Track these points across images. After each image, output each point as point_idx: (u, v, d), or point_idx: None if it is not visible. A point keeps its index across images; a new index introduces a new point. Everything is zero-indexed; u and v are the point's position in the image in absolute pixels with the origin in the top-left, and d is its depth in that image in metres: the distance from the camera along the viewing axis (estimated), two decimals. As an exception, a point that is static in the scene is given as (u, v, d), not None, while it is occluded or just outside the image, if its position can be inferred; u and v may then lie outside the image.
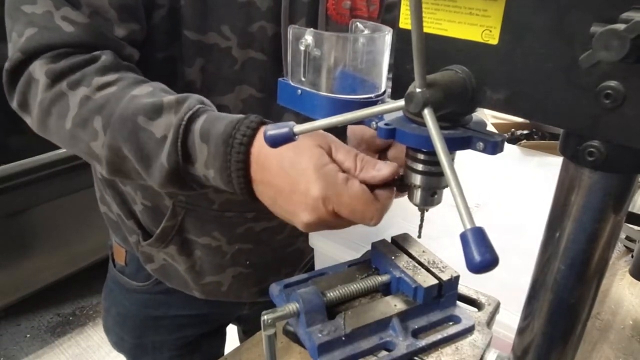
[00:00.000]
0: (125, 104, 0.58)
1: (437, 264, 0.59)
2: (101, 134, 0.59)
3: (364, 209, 0.51)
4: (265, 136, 0.45)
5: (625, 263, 1.00)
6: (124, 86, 0.60)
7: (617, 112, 0.32)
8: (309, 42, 0.51)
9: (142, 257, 0.88)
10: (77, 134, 0.60)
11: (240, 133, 0.54)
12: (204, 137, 0.55)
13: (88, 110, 0.59)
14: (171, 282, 0.90)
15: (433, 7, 0.41)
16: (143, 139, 0.57)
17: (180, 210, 0.79)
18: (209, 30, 0.67)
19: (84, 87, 0.59)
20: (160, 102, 0.57)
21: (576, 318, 0.42)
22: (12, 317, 2.31)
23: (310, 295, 0.54)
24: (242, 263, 0.86)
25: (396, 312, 0.55)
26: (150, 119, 0.57)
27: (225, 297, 0.90)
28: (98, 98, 0.59)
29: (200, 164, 0.56)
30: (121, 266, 0.94)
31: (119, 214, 0.86)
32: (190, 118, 0.56)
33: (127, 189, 0.82)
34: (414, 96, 0.36)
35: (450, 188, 0.34)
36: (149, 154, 0.57)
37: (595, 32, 0.30)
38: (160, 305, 0.94)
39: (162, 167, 0.57)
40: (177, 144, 0.55)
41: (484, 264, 0.31)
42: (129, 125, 0.57)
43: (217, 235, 0.82)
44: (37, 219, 2.00)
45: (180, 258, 0.84)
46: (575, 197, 0.38)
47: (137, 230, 0.85)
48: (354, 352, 0.52)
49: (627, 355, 0.75)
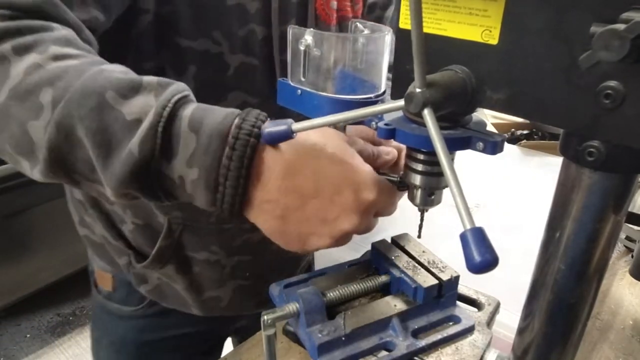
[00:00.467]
0: (92, 75, 0.45)
1: (437, 264, 0.59)
2: (47, 110, 0.45)
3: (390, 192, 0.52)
4: (263, 134, 0.45)
5: (625, 263, 1.00)
6: (88, 62, 0.48)
7: (617, 112, 0.32)
8: (309, 42, 0.51)
9: (135, 279, 0.83)
10: (11, 109, 0.46)
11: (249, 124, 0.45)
12: (194, 126, 0.45)
13: (36, 81, 0.45)
14: (167, 302, 0.85)
15: (433, 7, 0.40)
16: (108, 119, 0.44)
17: (177, 227, 0.75)
18: (200, 36, 0.64)
19: (34, 54, 0.46)
20: (139, 80, 0.46)
21: (576, 318, 0.42)
22: (12, 317, 2.31)
23: (310, 295, 0.54)
24: (242, 275, 0.84)
25: (396, 312, 0.55)
26: (122, 97, 0.45)
27: (224, 312, 0.87)
28: (53, 68, 0.46)
29: (180, 160, 0.45)
30: (108, 292, 0.88)
31: (103, 236, 0.81)
32: (178, 101, 0.45)
33: (114, 208, 0.77)
34: (414, 96, 0.36)
35: (450, 188, 0.34)
36: (111, 140, 0.45)
37: (595, 32, 0.30)
38: (157, 328, 0.89)
39: (128, 157, 0.44)
40: (157, 129, 0.44)
41: (484, 264, 0.31)
42: (93, 99, 0.44)
43: (215, 249, 0.79)
44: (37, 219, 2.00)
45: (177, 276, 0.80)
46: (575, 197, 0.38)
47: (128, 251, 0.79)
48: (354, 352, 0.52)
49: (627, 355, 0.75)
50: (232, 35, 0.66)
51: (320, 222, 0.48)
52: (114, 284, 0.87)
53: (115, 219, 0.79)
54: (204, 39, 0.64)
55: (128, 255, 0.80)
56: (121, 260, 0.82)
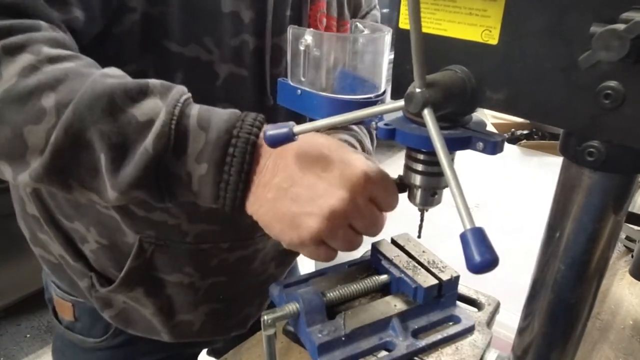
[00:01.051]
0: (97, 79, 0.46)
1: (437, 264, 0.59)
2: (51, 115, 0.45)
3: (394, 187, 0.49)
4: (265, 136, 0.45)
5: (625, 263, 1.00)
6: (83, 64, 0.48)
7: (617, 112, 0.32)
8: (309, 42, 0.51)
9: (98, 303, 0.76)
10: (5, 113, 0.45)
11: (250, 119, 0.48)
12: (202, 124, 0.47)
13: (35, 84, 0.45)
14: (135, 329, 0.79)
15: (433, 7, 0.40)
16: (122, 121, 0.45)
17: (148, 246, 0.69)
18: (191, 42, 0.61)
19: (28, 54, 0.45)
20: (146, 83, 0.48)
21: (576, 318, 0.42)
22: (12, 317, 2.31)
23: (310, 296, 0.54)
24: (216, 298, 0.79)
25: (396, 312, 0.55)
26: (131, 100, 0.46)
27: (196, 337, 0.81)
28: (51, 70, 0.45)
29: (190, 157, 0.47)
30: (69, 322, 0.81)
31: (61, 255, 0.74)
32: (185, 101, 0.48)
33: (75, 226, 0.71)
34: (413, 96, 0.36)
35: (450, 188, 0.34)
36: (125, 141, 0.46)
37: (595, 33, 0.30)
38: (125, 358, 0.83)
39: (143, 155, 0.46)
40: (171, 126, 0.46)
41: (484, 264, 0.31)
42: (103, 103, 0.45)
43: (189, 270, 0.73)
44: (37, 219, 2.01)
45: (147, 300, 0.74)
46: (575, 197, 0.38)
47: (89, 273, 0.73)
48: (354, 352, 0.52)
49: (627, 355, 0.75)
50: (224, 44, 0.63)
51: (309, 199, 0.47)
52: (75, 312, 0.81)
53: (75, 238, 0.73)
54: (194, 45, 0.61)
55: (89, 278, 0.74)
56: (82, 282, 0.75)
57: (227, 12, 0.62)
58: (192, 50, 0.61)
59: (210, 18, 0.61)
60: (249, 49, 0.65)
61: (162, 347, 0.82)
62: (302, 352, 0.62)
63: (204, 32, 0.62)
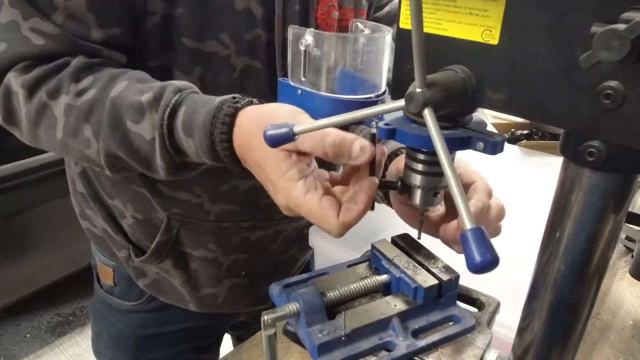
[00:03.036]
0: (110, 108, 0.57)
1: (437, 264, 0.59)
2: (93, 142, 0.59)
3: (321, 223, 0.49)
4: (265, 136, 0.45)
5: (625, 263, 1.00)
6: (100, 88, 0.59)
7: (617, 112, 0.32)
8: (309, 42, 0.51)
9: (133, 272, 0.85)
10: (70, 143, 0.60)
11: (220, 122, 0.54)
12: (187, 132, 0.55)
13: (75, 119, 0.59)
14: (165, 297, 0.87)
15: (433, 7, 0.41)
16: (136, 143, 0.58)
17: (175, 223, 0.77)
18: (208, 38, 0.66)
19: (64, 95, 0.59)
20: (140, 103, 0.57)
21: (576, 318, 0.42)
22: (12, 317, 2.31)
23: (310, 296, 0.54)
24: (238, 274, 0.85)
25: (396, 312, 0.55)
26: (136, 122, 0.57)
27: (221, 309, 0.89)
28: (81, 105, 0.59)
29: (192, 155, 0.57)
30: (109, 287, 0.91)
31: (104, 229, 0.83)
32: (170, 114, 0.56)
33: (115, 202, 0.80)
34: (414, 96, 0.36)
35: (450, 188, 0.34)
36: (146, 156, 0.58)
37: (596, 33, 0.30)
38: (155, 323, 0.91)
39: (161, 167, 0.58)
40: (166, 144, 0.56)
41: (484, 264, 0.31)
42: (120, 131, 0.57)
43: (212, 247, 0.80)
44: (37, 219, 2.00)
45: (175, 272, 0.82)
46: (575, 197, 0.38)
47: (127, 244, 0.82)
48: (354, 352, 0.52)
49: (627, 355, 0.75)
50: (239, 39, 0.68)
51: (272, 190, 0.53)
52: (115, 277, 0.89)
53: (116, 213, 0.81)
54: (212, 41, 0.66)
55: (127, 249, 0.82)
56: (121, 253, 0.83)
57: (239, 9, 0.67)
58: (210, 45, 0.67)
59: (225, 15, 0.66)
60: (262, 43, 0.70)
61: (191, 316, 0.89)
62: (302, 352, 0.62)
63: (220, 29, 0.66)
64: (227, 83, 0.70)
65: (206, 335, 0.98)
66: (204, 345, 0.98)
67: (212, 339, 1.00)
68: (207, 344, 0.99)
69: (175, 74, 0.67)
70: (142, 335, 0.91)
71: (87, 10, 0.59)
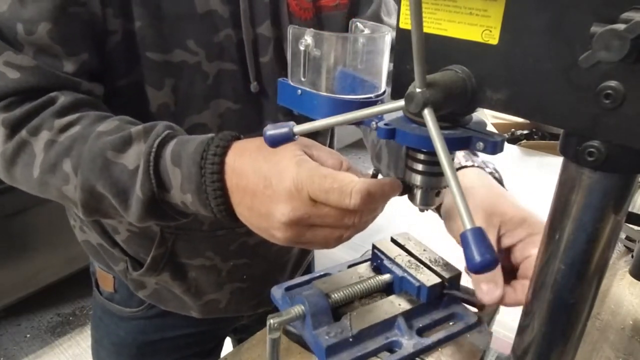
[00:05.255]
0: (93, 141, 0.55)
1: (438, 262, 0.59)
2: (72, 176, 0.56)
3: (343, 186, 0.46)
4: (265, 136, 0.45)
5: (625, 263, 1.00)
6: (87, 124, 0.58)
7: (617, 112, 0.32)
8: (309, 42, 0.51)
9: (133, 284, 0.84)
10: (47, 180, 0.58)
11: (212, 149, 0.52)
12: (176, 161, 0.53)
13: (55, 154, 0.57)
14: (167, 306, 0.86)
15: (433, 7, 0.40)
16: (116, 174, 0.55)
17: (169, 236, 0.76)
18: (174, 47, 0.64)
19: (45, 131, 0.57)
20: (129, 134, 0.55)
21: (576, 318, 0.42)
22: (12, 317, 2.31)
23: (315, 298, 0.54)
24: (239, 278, 0.84)
25: (401, 311, 0.55)
26: (119, 152, 0.55)
27: (224, 314, 0.88)
28: (63, 140, 0.57)
29: (176, 190, 0.54)
30: (109, 293, 0.89)
31: (100, 244, 0.82)
32: (160, 144, 0.54)
33: (107, 220, 0.78)
34: (414, 96, 0.36)
35: (450, 188, 0.34)
36: (124, 188, 0.55)
37: (596, 33, 0.30)
38: (157, 329, 0.90)
39: (138, 199, 0.55)
40: (150, 172, 0.54)
41: (484, 264, 0.31)
42: (99, 162, 0.55)
43: (210, 255, 0.79)
44: (37, 219, 2.00)
45: (174, 283, 0.81)
46: (575, 197, 0.38)
47: (124, 257, 0.80)
48: (361, 352, 0.52)
49: (627, 355, 0.75)
50: (207, 43, 0.65)
51: (260, 216, 0.50)
52: (115, 284, 0.87)
53: (109, 229, 0.79)
54: (178, 50, 0.64)
55: (125, 262, 0.80)
56: (118, 266, 0.82)
57: (202, 12, 0.64)
58: (177, 55, 0.64)
59: (187, 21, 0.63)
60: (233, 43, 0.67)
61: (193, 322, 0.88)
62: (302, 352, 0.62)
63: (184, 36, 0.64)
64: (201, 91, 0.67)
65: (208, 340, 0.97)
66: (206, 350, 0.97)
67: (214, 343, 1.00)
68: (209, 349, 0.98)
69: (147, 90, 0.65)
70: (144, 342, 0.90)
71: (51, 42, 0.58)
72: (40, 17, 0.57)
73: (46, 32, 0.57)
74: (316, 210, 0.48)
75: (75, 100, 0.59)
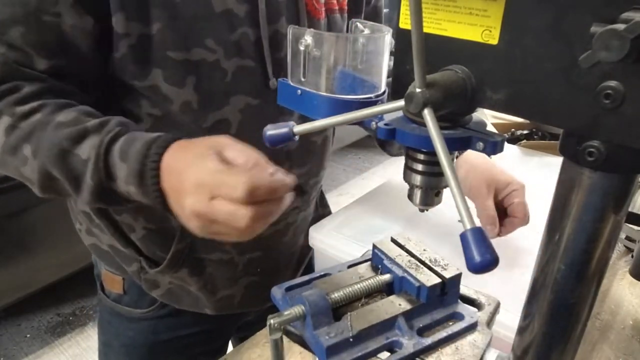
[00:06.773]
0: (52, 131, 0.60)
1: (438, 262, 0.59)
2: (31, 160, 0.61)
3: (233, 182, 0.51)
4: (265, 136, 0.45)
5: (625, 263, 1.00)
6: (48, 112, 0.62)
7: (617, 112, 0.32)
8: (309, 42, 0.51)
9: (146, 284, 0.84)
10: (6, 160, 0.63)
11: (154, 148, 0.57)
12: (123, 157, 0.59)
13: (16, 138, 0.61)
14: (180, 304, 0.87)
15: (433, 7, 0.40)
16: (71, 162, 0.60)
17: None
18: (193, 46, 0.66)
19: (6, 117, 0.62)
20: (84, 128, 0.60)
21: (576, 318, 0.42)
22: (12, 317, 2.31)
23: (316, 298, 0.54)
24: (253, 272, 0.86)
25: (401, 311, 0.55)
26: (75, 143, 0.60)
27: (236, 309, 0.89)
28: (24, 126, 0.61)
29: (121, 181, 0.59)
30: (117, 295, 0.89)
31: (111, 245, 0.83)
32: (110, 140, 0.59)
33: (123, 217, 0.79)
34: (414, 96, 0.36)
35: (450, 188, 0.34)
36: (77, 175, 0.61)
37: (595, 33, 0.30)
38: (169, 328, 0.90)
39: (88, 185, 0.60)
40: (99, 164, 0.59)
41: (484, 264, 0.31)
42: (56, 150, 0.60)
43: (228, 248, 0.81)
44: (37, 219, 2.00)
45: (191, 279, 0.82)
46: (575, 197, 0.38)
47: (138, 257, 0.81)
48: (362, 352, 0.52)
49: (627, 355, 0.75)
50: (225, 41, 0.67)
51: (179, 207, 0.55)
52: (125, 286, 0.87)
53: (124, 228, 0.80)
54: (197, 49, 0.66)
55: (139, 262, 0.81)
56: (131, 267, 0.82)
57: (219, 11, 0.66)
58: (196, 53, 0.66)
59: (205, 21, 0.66)
60: (250, 40, 0.69)
61: (205, 319, 0.89)
62: (303, 352, 0.62)
63: (203, 35, 0.66)
64: (221, 88, 0.70)
65: (216, 338, 0.98)
66: (213, 349, 0.98)
67: (221, 342, 1.00)
68: (216, 348, 0.99)
69: (169, 89, 0.67)
70: (155, 342, 0.90)
71: (24, 44, 0.62)
72: (12, 21, 0.61)
73: (19, 34, 0.61)
74: (213, 204, 0.51)
75: (39, 89, 0.63)
